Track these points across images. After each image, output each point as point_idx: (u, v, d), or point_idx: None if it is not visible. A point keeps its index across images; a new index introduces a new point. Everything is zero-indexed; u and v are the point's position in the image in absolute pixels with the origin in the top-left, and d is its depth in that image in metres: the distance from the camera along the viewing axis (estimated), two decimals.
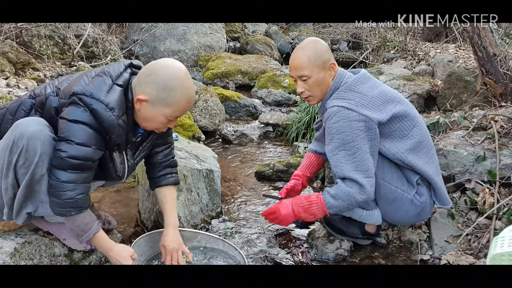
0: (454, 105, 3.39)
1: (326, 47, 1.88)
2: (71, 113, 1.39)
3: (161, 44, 6.16)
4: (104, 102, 1.39)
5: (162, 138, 1.76)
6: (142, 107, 1.48)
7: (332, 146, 1.78)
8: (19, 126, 1.40)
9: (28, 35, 4.73)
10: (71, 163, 1.39)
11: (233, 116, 4.25)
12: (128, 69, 1.55)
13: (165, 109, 1.48)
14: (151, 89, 1.45)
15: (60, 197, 1.41)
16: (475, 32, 2.95)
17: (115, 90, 1.45)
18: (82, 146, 1.38)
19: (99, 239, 1.55)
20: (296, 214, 1.87)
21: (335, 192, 1.78)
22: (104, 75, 1.47)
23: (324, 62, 1.83)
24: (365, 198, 1.76)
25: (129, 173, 1.67)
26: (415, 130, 1.83)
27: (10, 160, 1.40)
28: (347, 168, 1.74)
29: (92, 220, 1.52)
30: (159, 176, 1.78)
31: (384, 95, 1.83)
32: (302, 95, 1.91)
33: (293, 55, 1.88)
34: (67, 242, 1.66)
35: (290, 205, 1.89)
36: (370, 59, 5.84)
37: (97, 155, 1.44)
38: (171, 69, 1.47)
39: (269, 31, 7.69)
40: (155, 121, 1.52)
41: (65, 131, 1.38)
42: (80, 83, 1.44)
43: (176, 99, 1.47)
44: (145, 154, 1.72)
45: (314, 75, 1.83)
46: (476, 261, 1.81)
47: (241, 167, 3.10)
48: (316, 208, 1.82)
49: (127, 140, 1.56)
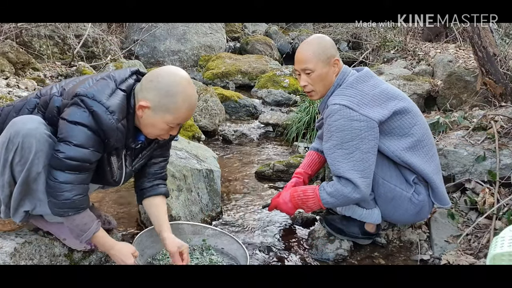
0: (454, 105, 3.40)
1: (331, 43, 1.90)
2: (71, 114, 1.39)
3: (161, 44, 6.15)
4: (105, 105, 1.40)
5: (162, 150, 1.76)
6: (144, 114, 1.48)
7: (331, 144, 1.79)
8: (15, 123, 1.41)
9: (28, 35, 4.74)
10: (68, 164, 1.39)
11: (233, 116, 4.25)
12: (133, 76, 1.55)
13: (167, 116, 1.48)
14: (153, 96, 1.45)
15: (58, 198, 1.42)
16: (475, 32, 2.95)
17: (118, 94, 1.45)
18: (80, 147, 1.38)
19: (99, 238, 1.55)
20: (295, 206, 1.96)
21: (331, 190, 1.81)
22: (108, 79, 1.48)
23: (328, 58, 1.84)
24: (359, 198, 1.77)
25: (126, 179, 1.67)
26: (415, 128, 1.83)
27: (6, 157, 1.40)
28: (343, 167, 1.75)
29: (91, 220, 1.52)
30: (150, 186, 1.74)
31: (386, 93, 1.84)
32: (305, 89, 1.92)
33: (298, 49, 1.90)
34: (67, 242, 1.66)
35: (288, 199, 1.97)
36: (370, 59, 5.85)
37: (95, 157, 1.44)
38: (174, 76, 1.47)
39: (269, 31, 7.69)
40: (157, 128, 1.52)
41: (64, 132, 1.39)
42: (84, 85, 1.45)
43: (178, 105, 1.46)
44: (143, 162, 1.72)
45: (318, 69, 1.84)
46: (476, 261, 1.81)
47: (241, 167, 3.10)
48: (312, 202, 1.89)
49: (127, 146, 1.56)
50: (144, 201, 1.75)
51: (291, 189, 2.00)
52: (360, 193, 1.75)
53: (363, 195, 1.77)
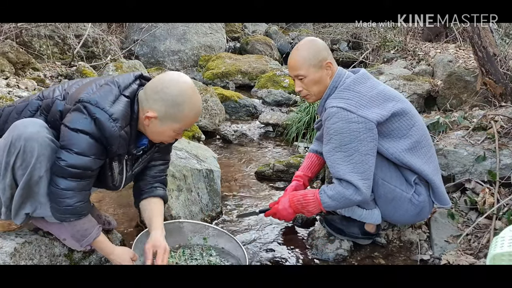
0: (454, 105, 3.39)
1: (322, 46, 1.88)
2: (73, 120, 1.39)
3: (161, 44, 6.15)
4: (108, 112, 1.40)
5: (162, 154, 1.77)
6: (151, 124, 1.50)
7: (330, 147, 1.79)
8: (16, 127, 1.40)
9: (28, 35, 4.74)
10: (70, 172, 1.39)
11: (233, 116, 4.25)
12: (137, 81, 1.56)
13: (174, 125, 1.50)
14: (160, 106, 1.46)
15: (59, 204, 1.43)
16: (475, 32, 2.95)
17: (121, 101, 1.45)
18: (81, 155, 1.39)
19: (99, 244, 1.57)
20: (296, 211, 1.94)
21: (332, 193, 1.79)
22: (112, 84, 1.48)
23: (320, 61, 1.84)
24: (361, 200, 1.77)
25: (126, 183, 1.68)
26: (413, 129, 1.83)
27: (8, 161, 1.40)
28: (343, 169, 1.75)
29: (92, 225, 1.53)
30: (148, 188, 1.74)
31: (383, 94, 1.83)
32: (301, 93, 1.93)
33: (290, 55, 1.91)
34: (67, 242, 1.66)
35: (287, 205, 1.93)
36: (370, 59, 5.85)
37: (96, 165, 1.45)
38: (178, 84, 1.48)
39: (269, 31, 7.69)
40: (164, 135, 1.55)
41: (66, 140, 1.39)
42: (88, 90, 1.44)
43: (185, 114, 1.48)
44: (143, 166, 1.72)
45: (311, 74, 1.84)
46: (476, 261, 1.81)
47: (241, 167, 3.10)
48: (313, 206, 1.87)
49: (128, 151, 1.57)
50: (140, 203, 1.74)
51: (289, 194, 1.96)
52: (362, 195, 1.75)
53: (365, 197, 1.76)
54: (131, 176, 1.68)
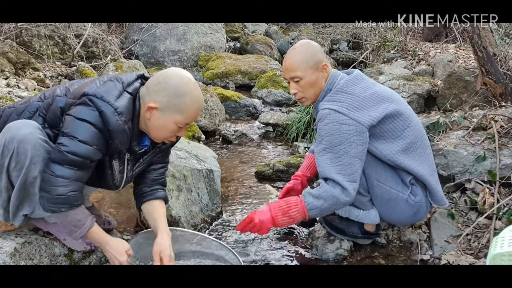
0: (454, 105, 3.40)
1: (318, 48, 1.88)
2: (79, 111, 1.39)
3: (161, 44, 6.15)
4: (114, 106, 1.41)
5: (162, 156, 1.76)
6: (152, 116, 1.49)
7: (320, 148, 1.79)
8: (9, 129, 1.40)
9: (28, 35, 4.74)
10: (69, 159, 1.38)
11: (233, 116, 4.25)
12: (139, 80, 1.57)
13: (176, 116, 1.49)
14: (162, 97, 1.46)
15: (52, 192, 1.40)
16: (475, 32, 2.95)
17: (125, 97, 1.46)
18: (84, 144, 1.38)
19: (93, 234, 1.54)
20: (274, 217, 1.77)
21: (318, 193, 1.75)
22: (116, 81, 1.49)
23: (316, 63, 1.83)
24: (347, 201, 1.74)
25: (126, 183, 1.68)
26: (408, 130, 1.82)
27: (2, 163, 1.40)
28: (331, 170, 1.74)
29: (85, 216, 1.51)
30: (150, 191, 1.74)
31: (377, 95, 1.82)
32: (296, 96, 1.92)
33: (286, 57, 1.90)
34: (67, 242, 1.66)
35: (267, 209, 1.80)
36: (370, 59, 5.85)
37: (96, 156, 1.44)
38: (181, 77, 1.50)
39: (269, 31, 7.68)
40: (165, 129, 1.52)
41: (69, 127, 1.39)
42: (91, 86, 1.45)
43: (187, 105, 1.48)
44: (143, 167, 1.72)
45: (307, 76, 1.83)
46: (476, 261, 1.81)
47: (241, 167, 3.10)
48: (295, 211, 1.76)
49: (130, 149, 1.57)
50: (143, 206, 1.75)
51: (270, 203, 1.85)
52: (348, 196, 1.72)
53: (352, 198, 1.74)
54: (131, 176, 1.68)
